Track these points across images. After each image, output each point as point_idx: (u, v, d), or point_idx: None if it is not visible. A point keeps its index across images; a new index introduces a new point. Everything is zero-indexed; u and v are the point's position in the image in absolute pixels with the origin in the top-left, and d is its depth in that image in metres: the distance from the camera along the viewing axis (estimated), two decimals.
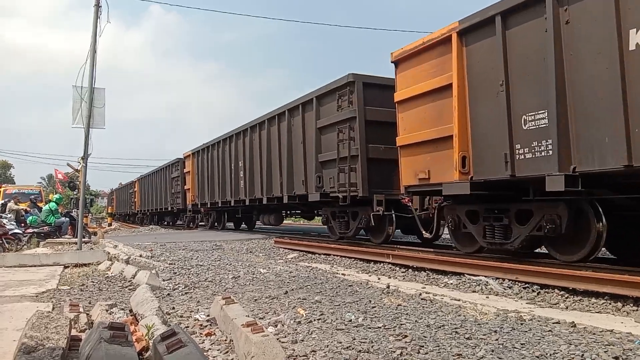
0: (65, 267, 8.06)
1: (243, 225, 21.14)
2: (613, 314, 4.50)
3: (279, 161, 13.50)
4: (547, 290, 5.43)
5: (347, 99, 10.34)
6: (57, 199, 16.63)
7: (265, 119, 14.45)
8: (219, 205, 19.00)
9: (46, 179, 74.73)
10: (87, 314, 4.19)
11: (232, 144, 17.50)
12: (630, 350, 3.29)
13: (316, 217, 17.95)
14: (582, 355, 3.18)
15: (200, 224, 23.53)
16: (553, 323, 4.07)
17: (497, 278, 6.06)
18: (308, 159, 12.00)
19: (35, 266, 8.07)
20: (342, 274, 7.23)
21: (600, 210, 6.13)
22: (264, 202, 14.63)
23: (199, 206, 21.46)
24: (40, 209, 17.15)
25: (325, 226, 12.86)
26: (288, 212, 18.48)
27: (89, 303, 4.98)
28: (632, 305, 4.61)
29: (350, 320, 4.14)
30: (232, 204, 17.49)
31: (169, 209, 26.14)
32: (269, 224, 17.69)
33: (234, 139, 17.29)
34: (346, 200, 10.18)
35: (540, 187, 6.03)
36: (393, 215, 9.97)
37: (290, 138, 12.89)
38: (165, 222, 30.51)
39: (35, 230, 14.64)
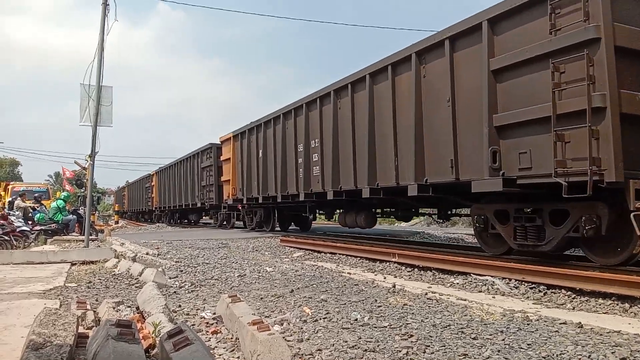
0: (73, 264, 8.11)
1: (292, 226, 18.45)
2: (620, 315, 4.48)
3: (394, 134, 8.87)
4: (553, 290, 5.41)
5: (577, 10, 5.75)
6: (64, 196, 16.72)
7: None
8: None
9: (53, 177, 75.18)
10: (94, 312, 4.22)
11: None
12: (638, 351, 3.27)
13: (416, 217, 15.02)
14: (589, 356, 3.16)
15: (236, 224, 20.41)
16: (560, 323, 4.06)
17: (503, 278, 6.04)
18: (464, 125, 7.32)
19: (42, 263, 8.13)
20: (348, 273, 7.23)
21: None
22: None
23: (244, 201, 16.88)
24: (44, 207, 17.22)
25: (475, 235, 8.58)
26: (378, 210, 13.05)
27: (96, 300, 5.00)
28: (639, 306, 4.59)
29: (356, 320, 4.14)
30: (302, 197, 12.64)
31: (198, 204, 22.22)
32: (355, 225, 12.53)
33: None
34: (585, 189, 5.44)
35: None
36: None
37: (419, 96, 8.17)
38: (187, 221, 28.18)
39: (43, 227, 14.72)
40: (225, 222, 21.44)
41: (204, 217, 27.97)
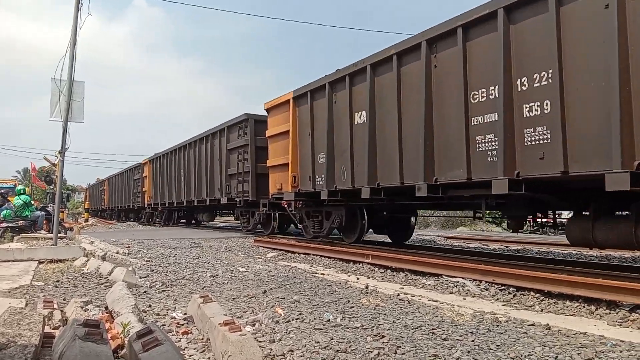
0: (40, 262, 7.91)
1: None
2: (586, 317, 4.58)
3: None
4: (522, 292, 5.50)
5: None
6: (21, 189, 16.16)
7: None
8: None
9: (22, 173, 73.34)
10: (62, 311, 4.12)
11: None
12: (602, 352, 3.35)
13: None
14: (556, 357, 3.23)
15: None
16: (528, 325, 4.13)
17: (474, 280, 6.12)
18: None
19: (8, 261, 7.91)
20: (322, 274, 7.23)
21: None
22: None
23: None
24: (10, 203, 16.73)
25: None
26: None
27: (64, 300, 4.90)
28: (604, 308, 4.70)
29: (329, 320, 4.14)
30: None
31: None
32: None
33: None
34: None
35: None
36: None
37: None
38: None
39: (9, 224, 14.33)
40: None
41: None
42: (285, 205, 12.08)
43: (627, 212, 5.92)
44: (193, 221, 24.21)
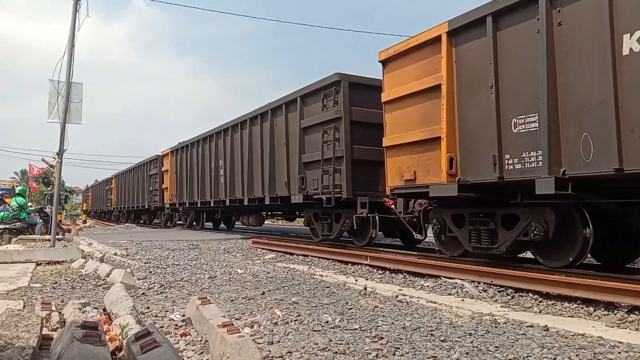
0: (38, 264, 7.89)
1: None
2: (585, 318, 4.58)
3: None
4: (521, 294, 5.50)
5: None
6: (20, 190, 16.14)
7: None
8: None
9: (19, 174, 73.16)
10: (60, 313, 4.11)
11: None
12: (601, 353, 3.35)
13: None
14: (555, 358, 3.23)
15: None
16: (526, 326, 4.13)
17: (472, 281, 6.12)
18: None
19: (6, 263, 7.88)
20: (320, 275, 7.22)
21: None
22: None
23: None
24: (7, 205, 16.70)
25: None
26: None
27: (62, 301, 4.88)
28: (603, 309, 4.70)
29: (327, 322, 4.14)
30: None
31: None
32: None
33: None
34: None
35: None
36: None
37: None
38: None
39: (7, 226, 14.30)
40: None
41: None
42: (393, 206, 8.85)
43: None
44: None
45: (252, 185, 13.92)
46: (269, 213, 17.09)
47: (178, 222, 23.30)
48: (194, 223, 20.92)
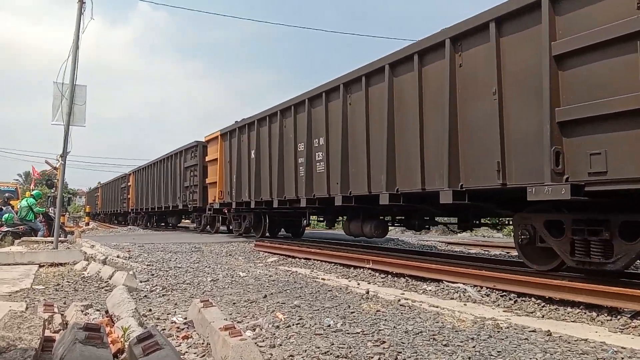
0: (41, 266, 7.91)
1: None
2: (588, 323, 4.57)
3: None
4: (523, 298, 5.49)
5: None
6: (36, 194, 16.23)
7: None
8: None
9: (23, 176, 73.37)
10: (62, 315, 4.12)
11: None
12: (604, 359, 3.34)
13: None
14: None
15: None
16: (529, 331, 4.12)
17: (475, 285, 6.11)
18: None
19: (9, 265, 7.91)
20: (322, 279, 7.22)
21: None
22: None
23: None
24: (11, 207, 16.76)
25: None
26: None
27: (64, 303, 4.89)
28: (606, 315, 4.69)
29: (329, 326, 4.13)
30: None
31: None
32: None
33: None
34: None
35: None
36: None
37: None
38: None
39: (10, 228, 14.35)
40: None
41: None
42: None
43: None
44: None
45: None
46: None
47: (221, 227, 19.10)
48: (251, 230, 15.60)
